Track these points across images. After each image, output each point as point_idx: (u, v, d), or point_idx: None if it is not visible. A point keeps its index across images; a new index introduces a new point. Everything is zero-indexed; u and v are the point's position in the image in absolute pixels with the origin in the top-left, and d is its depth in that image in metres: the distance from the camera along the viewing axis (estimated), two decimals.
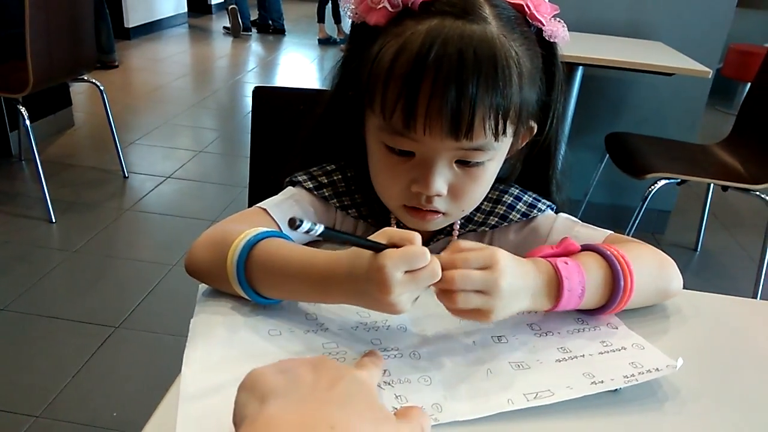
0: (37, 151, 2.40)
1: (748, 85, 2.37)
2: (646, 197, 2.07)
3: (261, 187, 0.84)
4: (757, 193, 2.05)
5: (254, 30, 6.38)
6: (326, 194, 0.77)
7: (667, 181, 2.05)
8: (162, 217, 2.58)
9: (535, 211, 0.77)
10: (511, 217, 0.77)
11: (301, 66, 5.47)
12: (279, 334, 0.58)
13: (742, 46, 4.41)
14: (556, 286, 0.60)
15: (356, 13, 0.67)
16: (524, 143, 0.73)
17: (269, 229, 0.64)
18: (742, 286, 2.32)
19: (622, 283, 0.62)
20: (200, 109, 4.02)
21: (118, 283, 2.12)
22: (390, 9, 0.64)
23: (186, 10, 6.54)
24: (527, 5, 0.67)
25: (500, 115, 0.61)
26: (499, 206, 0.77)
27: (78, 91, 3.65)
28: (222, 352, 0.55)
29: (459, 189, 0.67)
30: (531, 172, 0.78)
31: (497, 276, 0.54)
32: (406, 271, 0.52)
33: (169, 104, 4.05)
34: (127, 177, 2.86)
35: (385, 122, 0.63)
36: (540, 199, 0.78)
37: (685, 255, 2.62)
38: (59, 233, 2.39)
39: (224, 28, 6.33)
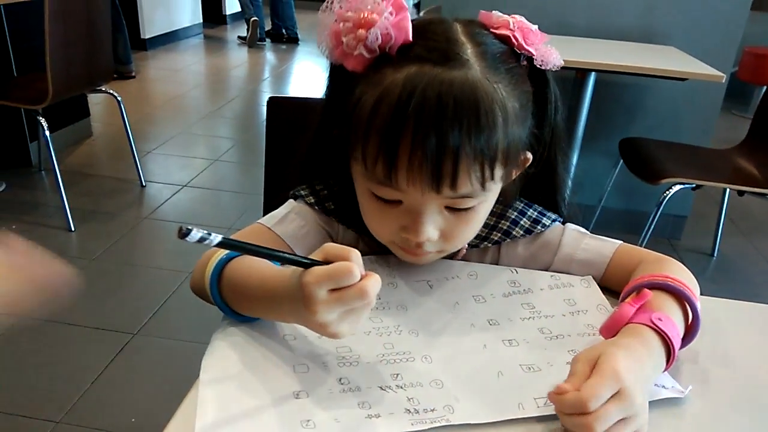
0: (57, 161, 2.44)
1: (764, 88, 2.35)
2: (661, 202, 2.06)
3: (276, 196, 0.85)
4: None
5: (268, 40, 6.43)
6: (327, 209, 0.76)
7: (682, 186, 2.04)
8: (179, 224, 2.61)
9: (538, 227, 0.76)
10: (514, 233, 0.76)
11: (315, 74, 5.51)
12: (294, 338, 0.59)
13: (758, 49, 4.37)
14: (666, 350, 0.57)
15: (333, 56, 0.64)
16: (518, 174, 0.71)
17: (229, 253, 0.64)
18: (761, 292, 2.29)
19: (699, 317, 0.61)
20: (216, 118, 4.06)
21: (136, 291, 2.14)
22: (367, 56, 0.62)
23: (201, 20, 6.62)
24: (514, 36, 0.65)
25: (486, 164, 0.59)
26: (502, 221, 0.76)
27: (96, 101, 3.71)
28: (238, 356, 0.57)
29: (450, 232, 0.65)
30: (536, 186, 0.76)
31: (631, 397, 0.49)
32: (332, 290, 0.49)
33: (185, 114, 4.10)
34: (145, 186, 2.90)
35: (368, 172, 0.62)
36: (545, 213, 0.77)
37: (701, 261, 2.59)
38: (78, 242, 2.43)
39: (239, 37, 6.40)
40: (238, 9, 6.49)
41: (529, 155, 0.69)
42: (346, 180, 0.70)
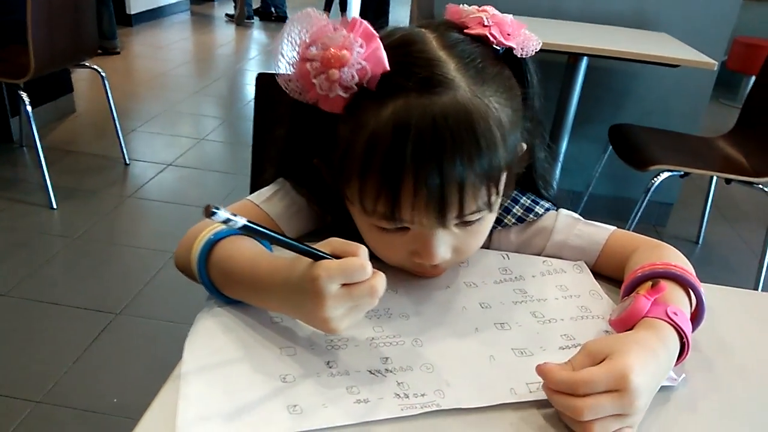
0: (39, 138, 2.39)
1: (753, 78, 2.36)
2: (649, 189, 2.06)
3: (263, 173, 0.83)
4: (761, 186, 2.04)
5: (256, 18, 6.34)
6: (315, 195, 0.73)
7: (670, 173, 2.04)
8: (163, 204, 2.58)
9: (531, 215, 0.75)
10: (506, 221, 0.75)
11: None
12: (281, 320, 0.58)
13: (748, 39, 4.38)
14: (679, 343, 0.55)
15: (307, 99, 0.59)
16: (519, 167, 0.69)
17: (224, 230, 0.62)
18: (744, 279, 2.31)
19: (704, 305, 0.60)
20: (202, 96, 4.00)
21: (119, 270, 2.12)
22: (344, 95, 0.57)
23: None
24: (492, 34, 0.62)
25: (492, 185, 0.58)
26: None
27: (80, 77, 3.64)
28: (224, 337, 0.55)
29: (462, 247, 0.63)
30: (521, 174, 0.74)
31: (632, 399, 0.47)
32: (342, 285, 0.49)
33: (171, 91, 4.03)
34: (129, 164, 2.85)
35: (367, 213, 0.59)
36: (538, 201, 0.76)
37: (687, 247, 2.61)
38: (60, 220, 2.39)
39: (226, 15, 6.30)
40: None
41: (524, 145, 0.67)
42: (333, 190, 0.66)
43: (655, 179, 2.05)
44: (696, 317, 0.60)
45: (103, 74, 2.68)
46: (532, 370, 0.52)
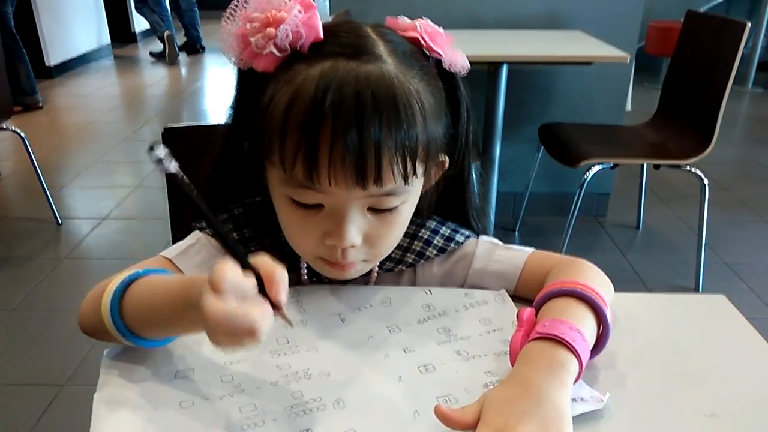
0: None
1: (669, 60, 2.44)
2: (583, 183, 2.11)
3: (180, 227, 0.82)
4: (688, 168, 2.11)
5: (183, 53, 6.24)
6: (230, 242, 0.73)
7: (600, 166, 2.09)
8: (102, 261, 2.49)
9: (452, 245, 0.75)
10: (427, 253, 0.74)
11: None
12: (192, 404, 0.55)
13: (661, 23, 4.55)
14: (569, 356, 0.55)
15: (241, 60, 0.63)
16: (437, 177, 0.71)
17: (141, 270, 0.61)
18: (686, 257, 2.38)
19: (608, 323, 0.60)
20: (134, 142, 3.90)
21: (62, 338, 2.02)
22: (277, 54, 0.60)
23: (109, 41, 6.35)
24: (422, 37, 0.65)
25: (408, 157, 0.59)
26: (416, 242, 0.75)
27: (1, 138, 3.50)
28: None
29: (374, 236, 0.64)
30: (447, 202, 0.76)
31: None
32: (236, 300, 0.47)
33: (101, 141, 3.92)
34: (61, 223, 2.74)
35: (287, 175, 0.60)
36: (459, 229, 0.76)
37: (628, 234, 2.68)
38: None
39: (151, 54, 6.19)
40: (148, 26, 6.27)
41: (446, 158, 0.69)
42: (259, 197, 0.68)
43: (587, 173, 2.09)
44: (602, 333, 0.60)
45: (23, 134, 2.58)
46: None
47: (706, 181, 2.11)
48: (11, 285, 2.30)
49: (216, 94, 5.15)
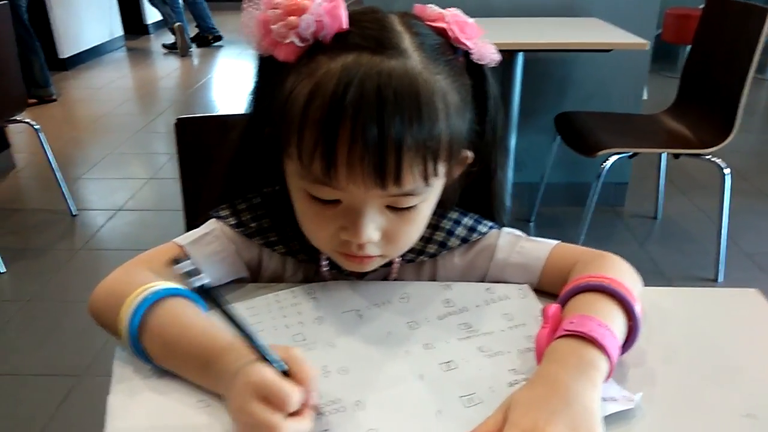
0: None
1: (689, 48, 2.39)
2: (600, 173, 2.07)
3: (195, 217, 0.82)
4: (708, 157, 2.07)
5: (194, 44, 6.23)
6: (248, 232, 0.72)
7: (618, 155, 2.06)
8: (116, 252, 2.50)
9: (475, 235, 0.73)
10: (449, 244, 0.73)
11: (247, 72, 5.39)
12: (207, 405, 0.54)
13: (679, 10, 4.47)
14: (598, 353, 0.53)
15: (261, 47, 0.61)
16: (459, 173, 0.69)
17: (170, 286, 0.60)
18: (706, 248, 2.34)
19: (638, 318, 0.58)
20: (148, 133, 3.91)
21: (78, 329, 2.03)
22: (299, 44, 0.58)
23: (122, 33, 6.36)
24: (451, 29, 0.62)
25: (429, 157, 0.57)
26: (437, 233, 0.73)
27: (17, 131, 3.51)
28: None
29: (393, 233, 0.62)
30: (472, 194, 0.74)
31: None
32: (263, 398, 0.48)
33: (115, 132, 3.93)
34: (76, 215, 2.75)
35: (304, 170, 0.58)
36: (481, 220, 0.74)
37: (646, 224, 2.64)
38: (10, 284, 2.29)
39: (164, 46, 6.18)
40: (160, 17, 6.27)
41: (470, 153, 0.67)
42: (279, 186, 0.66)
43: (605, 163, 2.06)
44: (632, 329, 0.58)
45: (37, 126, 2.59)
46: (480, 420, 0.49)
47: (727, 171, 2.07)
48: (27, 276, 2.32)
49: (228, 85, 5.14)
